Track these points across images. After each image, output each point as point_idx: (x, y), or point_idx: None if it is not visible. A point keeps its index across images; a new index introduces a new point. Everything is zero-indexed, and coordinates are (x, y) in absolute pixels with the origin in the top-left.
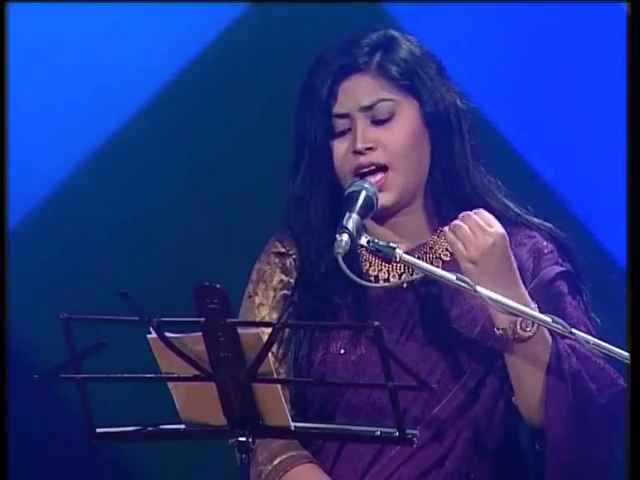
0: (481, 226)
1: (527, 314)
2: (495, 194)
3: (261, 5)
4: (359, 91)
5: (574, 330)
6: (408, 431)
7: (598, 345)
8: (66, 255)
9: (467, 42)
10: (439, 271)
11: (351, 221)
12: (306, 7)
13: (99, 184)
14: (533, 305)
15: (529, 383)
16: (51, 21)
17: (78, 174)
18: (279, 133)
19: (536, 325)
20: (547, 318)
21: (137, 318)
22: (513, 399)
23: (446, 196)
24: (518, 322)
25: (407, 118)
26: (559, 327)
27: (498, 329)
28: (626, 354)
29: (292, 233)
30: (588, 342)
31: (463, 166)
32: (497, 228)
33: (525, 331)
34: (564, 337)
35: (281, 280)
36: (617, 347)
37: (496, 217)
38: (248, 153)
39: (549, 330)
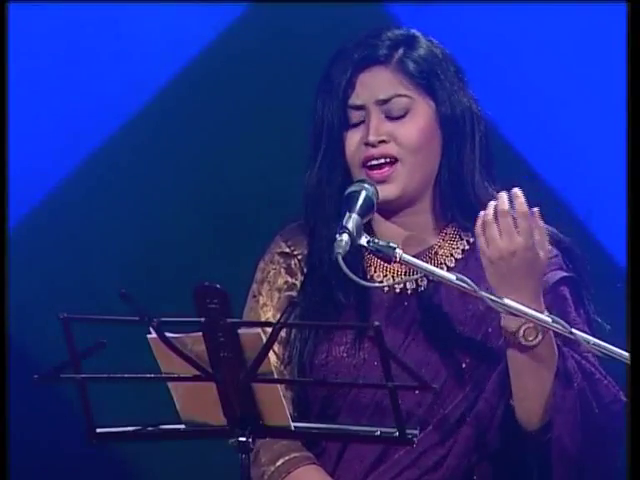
0: (509, 231)
1: (527, 314)
2: None
3: (261, 5)
4: (377, 84)
5: (574, 330)
6: (408, 431)
7: (598, 345)
8: (66, 255)
9: (467, 42)
10: (439, 271)
11: (351, 221)
12: (306, 7)
13: (99, 184)
14: (546, 313)
15: (529, 388)
16: (51, 21)
17: (78, 174)
18: (279, 133)
19: (540, 335)
20: (547, 318)
21: (137, 318)
22: (510, 401)
23: (452, 200)
24: (522, 330)
25: (421, 116)
26: (559, 327)
27: (505, 333)
28: (626, 354)
29: (308, 222)
30: (588, 342)
31: (469, 171)
32: (523, 239)
33: (527, 340)
34: (570, 354)
35: (286, 281)
36: (617, 347)
37: None
38: (248, 153)
39: (558, 345)
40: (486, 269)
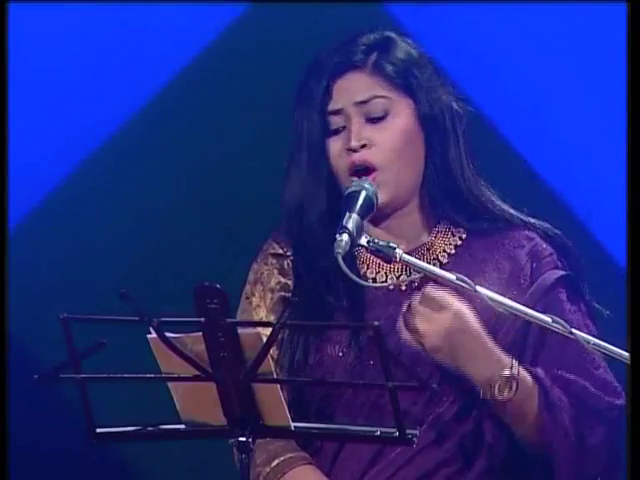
0: (430, 314)
1: (527, 314)
2: (490, 196)
3: (261, 5)
4: (354, 87)
5: (574, 330)
6: (408, 431)
7: (598, 345)
8: (66, 255)
9: (467, 42)
10: (439, 271)
11: (351, 221)
12: (306, 7)
13: (99, 184)
14: (507, 358)
15: (519, 430)
16: (51, 21)
17: (78, 174)
18: (279, 133)
19: (515, 385)
20: (547, 318)
21: (137, 318)
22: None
23: (443, 197)
24: (496, 387)
25: (401, 117)
26: (559, 327)
27: (481, 394)
28: (626, 354)
29: (290, 233)
30: (588, 342)
31: (458, 167)
32: (448, 306)
33: (502, 395)
34: (555, 379)
35: (279, 282)
36: (617, 347)
37: (492, 219)
38: (248, 153)
39: (537, 380)
40: (445, 357)
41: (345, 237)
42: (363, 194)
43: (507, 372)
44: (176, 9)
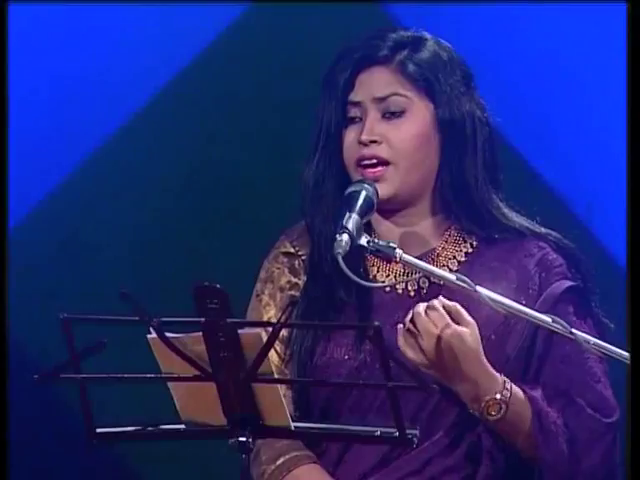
0: (428, 330)
1: (527, 314)
2: (502, 208)
3: (261, 5)
4: (375, 83)
5: (574, 330)
6: (408, 431)
7: (598, 345)
8: (66, 255)
9: (467, 42)
10: (439, 271)
11: (351, 221)
12: (306, 7)
13: (99, 184)
14: (500, 380)
15: (514, 445)
16: (51, 21)
17: (78, 174)
18: (279, 133)
19: (503, 410)
20: (547, 318)
21: (137, 318)
22: None
23: (455, 204)
24: (483, 406)
25: (418, 118)
26: (559, 327)
27: (471, 411)
28: (626, 354)
29: (305, 219)
30: (588, 342)
31: (472, 176)
32: (447, 326)
33: (491, 415)
34: (552, 399)
35: (289, 281)
36: (617, 347)
37: (503, 229)
38: (248, 153)
39: (532, 402)
40: (436, 377)
41: (345, 237)
42: (363, 194)
43: (498, 396)
44: (176, 9)
